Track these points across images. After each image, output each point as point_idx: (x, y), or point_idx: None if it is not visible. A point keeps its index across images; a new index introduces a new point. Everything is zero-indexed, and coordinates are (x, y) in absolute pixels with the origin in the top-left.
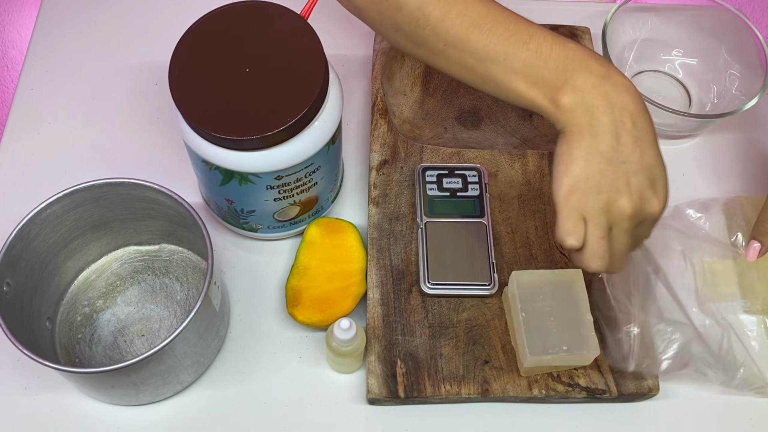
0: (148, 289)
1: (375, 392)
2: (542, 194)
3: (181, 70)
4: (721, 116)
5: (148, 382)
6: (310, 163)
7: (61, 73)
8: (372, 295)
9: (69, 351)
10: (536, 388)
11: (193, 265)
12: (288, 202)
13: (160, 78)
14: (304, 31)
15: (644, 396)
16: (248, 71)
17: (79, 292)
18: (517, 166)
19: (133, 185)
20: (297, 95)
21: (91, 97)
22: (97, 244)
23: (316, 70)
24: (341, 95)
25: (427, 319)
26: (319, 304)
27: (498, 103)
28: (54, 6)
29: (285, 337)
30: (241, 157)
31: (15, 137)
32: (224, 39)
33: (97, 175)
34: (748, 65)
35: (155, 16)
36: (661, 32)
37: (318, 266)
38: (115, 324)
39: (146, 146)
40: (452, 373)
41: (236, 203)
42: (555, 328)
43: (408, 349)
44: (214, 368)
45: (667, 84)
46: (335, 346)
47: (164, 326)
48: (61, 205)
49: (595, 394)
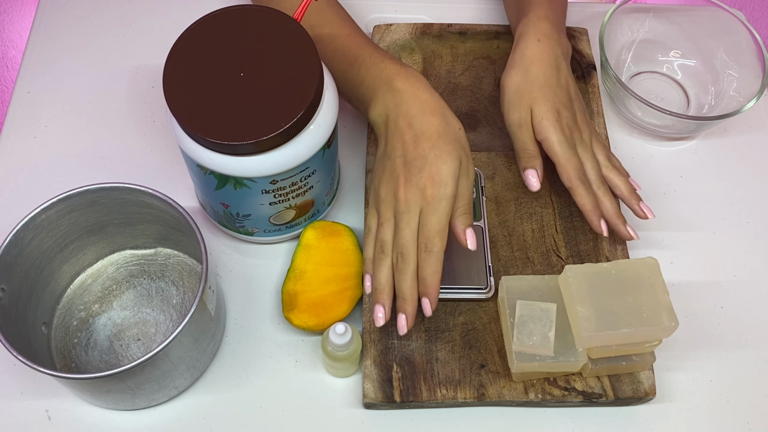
0: (143, 293)
1: (371, 396)
2: (539, 197)
3: (175, 74)
4: (720, 118)
5: (144, 386)
6: (305, 167)
7: (57, 76)
8: (368, 298)
9: (65, 356)
10: (532, 393)
11: (189, 269)
12: (284, 206)
13: (156, 81)
14: (298, 35)
15: (640, 400)
16: (242, 75)
17: (74, 297)
18: (514, 169)
19: (128, 190)
20: (292, 99)
21: (87, 101)
22: (92, 249)
23: (311, 73)
24: (336, 99)
25: (423, 323)
26: (315, 308)
27: (495, 106)
28: (50, 10)
29: (281, 341)
30: (236, 161)
31: (11, 141)
32: (218, 43)
33: (93, 178)
34: (746, 66)
35: (151, 20)
36: (659, 33)
37: (314, 270)
38: (111, 328)
39: (142, 150)
40: (448, 378)
41: (232, 207)
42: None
43: (404, 353)
44: (210, 373)
45: (665, 85)
46: (331, 350)
47: (160, 330)
48: (56, 210)
49: (591, 398)
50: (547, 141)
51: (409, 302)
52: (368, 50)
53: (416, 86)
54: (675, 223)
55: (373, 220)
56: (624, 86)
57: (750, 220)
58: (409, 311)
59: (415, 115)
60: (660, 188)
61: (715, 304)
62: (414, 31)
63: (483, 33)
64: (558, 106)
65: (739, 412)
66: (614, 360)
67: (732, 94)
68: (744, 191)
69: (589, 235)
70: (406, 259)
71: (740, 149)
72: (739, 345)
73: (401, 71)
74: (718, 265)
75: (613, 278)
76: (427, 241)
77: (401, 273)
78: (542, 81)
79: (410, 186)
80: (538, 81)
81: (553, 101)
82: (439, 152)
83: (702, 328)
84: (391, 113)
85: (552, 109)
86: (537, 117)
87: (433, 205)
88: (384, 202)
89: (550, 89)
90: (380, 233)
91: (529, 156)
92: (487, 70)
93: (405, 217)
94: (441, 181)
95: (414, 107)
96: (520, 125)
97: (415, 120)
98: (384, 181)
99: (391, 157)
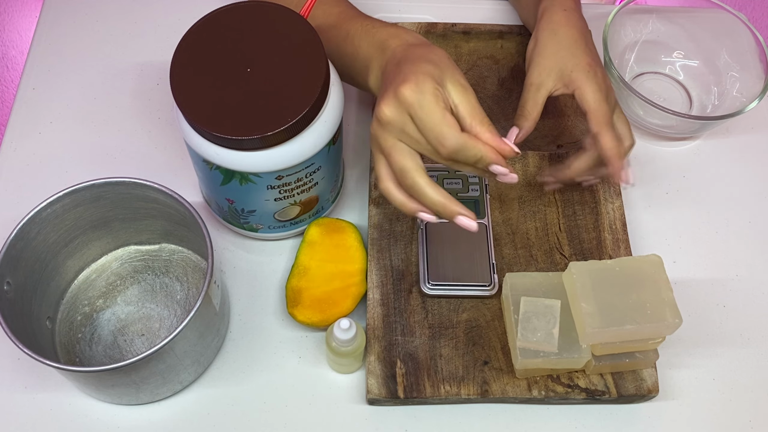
0: (148, 288)
1: (374, 392)
2: (543, 195)
3: (182, 70)
4: (722, 118)
5: (148, 381)
6: (310, 163)
7: (62, 72)
8: (372, 295)
9: (69, 350)
10: (535, 389)
11: (193, 264)
12: (288, 202)
13: (162, 78)
14: (305, 31)
15: (643, 397)
16: (249, 71)
17: (79, 292)
18: (518, 167)
19: (133, 185)
20: (298, 95)
21: (92, 97)
22: (97, 244)
23: (317, 70)
24: (342, 95)
25: (427, 319)
26: (319, 304)
27: (499, 105)
28: (56, 6)
29: (285, 337)
30: (241, 156)
31: (16, 137)
32: (225, 39)
33: (98, 174)
34: (748, 67)
35: (157, 17)
36: (662, 34)
37: (318, 266)
38: (115, 323)
39: (147, 146)
40: (452, 374)
41: (237, 203)
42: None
43: (408, 350)
44: (214, 368)
45: (668, 86)
46: (335, 346)
47: (164, 326)
48: (62, 205)
49: (594, 395)
50: (580, 90)
51: (491, 152)
52: (359, 23)
53: (409, 39)
54: (678, 222)
55: (381, 163)
56: (628, 86)
57: (752, 219)
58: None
59: (403, 55)
60: (663, 188)
61: (717, 303)
62: (418, 30)
63: (487, 33)
64: (589, 61)
65: (742, 410)
66: (617, 357)
67: (734, 94)
68: (746, 191)
69: (592, 233)
70: (451, 136)
71: (742, 149)
72: (741, 343)
73: (393, 32)
74: (721, 264)
75: (617, 275)
76: (472, 112)
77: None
78: (570, 42)
79: (416, 73)
80: (566, 41)
81: (583, 57)
82: (431, 48)
83: (704, 327)
84: (388, 74)
85: (583, 62)
86: (566, 72)
87: (450, 72)
88: (382, 125)
89: (579, 48)
90: (392, 162)
91: (519, 115)
92: (491, 70)
93: (418, 113)
94: (444, 58)
95: (403, 53)
96: (538, 87)
97: (402, 56)
98: (378, 105)
99: (380, 89)
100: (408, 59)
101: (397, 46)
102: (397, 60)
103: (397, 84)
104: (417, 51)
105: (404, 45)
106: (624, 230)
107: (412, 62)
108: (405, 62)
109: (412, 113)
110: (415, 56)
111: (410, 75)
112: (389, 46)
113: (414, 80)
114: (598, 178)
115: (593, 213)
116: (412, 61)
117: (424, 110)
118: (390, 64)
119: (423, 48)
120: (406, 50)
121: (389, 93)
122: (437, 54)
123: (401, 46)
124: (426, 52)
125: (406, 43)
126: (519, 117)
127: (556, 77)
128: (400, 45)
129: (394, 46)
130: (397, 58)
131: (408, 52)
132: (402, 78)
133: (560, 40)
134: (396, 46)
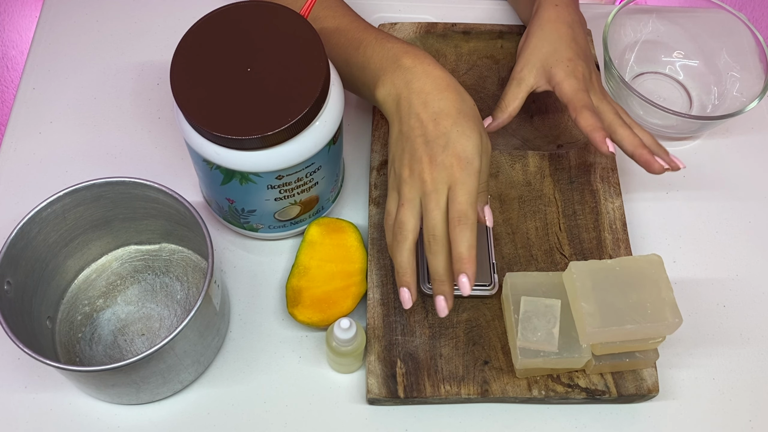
0: (148, 288)
1: (375, 392)
2: (543, 195)
3: (182, 69)
4: (722, 118)
5: (149, 380)
6: (311, 163)
7: (62, 72)
8: (372, 295)
9: (69, 350)
10: (536, 389)
11: (193, 264)
12: (289, 201)
13: (162, 78)
14: (305, 31)
15: (644, 397)
16: (249, 71)
17: (79, 292)
18: (518, 167)
19: (133, 184)
20: (298, 95)
21: (92, 97)
22: (97, 244)
23: (317, 69)
24: (342, 95)
25: (427, 319)
26: (320, 303)
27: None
28: (56, 6)
29: (285, 336)
30: (242, 156)
31: (16, 136)
32: (225, 39)
33: (99, 174)
34: (748, 67)
35: (157, 16)
36: (662, 34)
37: (318, 266)
38: (116, 323)
39: (147, 146)
40: (452, 374)
41: (237, 203)
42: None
43: (408, 350)
44: (214, 367)
45: (668, 86)
46: (335, 345)
47: (164, 325)
48: (62, 204)
49: (594, 395)
50: (559, 85)
51: (447, 282)
52: (372, 34)
53: (425, 62)
54: (677, 222)
55: (393, 203)
56: (628, 86)
57: (752, 219)
58: (447, 292)
59: (430, 92)
60: (663, 187)
61: (717, 303)
62: (418, 30)
63: (487, 32)
64: (570, 56)
65: (742, 410)
66: (617, 357)
67: (734, 94)
68: (746, 190)
69: (592, 233)
70: (439, 239)
71: (742, 149)
72: (741, 343)
73: (408, 49)
74: (721, 264)
75: (617, 275)
76: (460, 215)
77: (435, 254)
78: (555, 38)
79: (436, 165)
80: (552, 37)
81: (565, 53)
82: (462, 128)
83: (704, 327)
84: (403, 92)
85: (564, 58)
86: (547, 68)
87: (462, 181)
88: (406, 183)
89: (563, 44)
90: (400, 215)
91: (497, 106)
92: (491, 70)
93: (433, 197)
94: (468, 158)
95: (427, 84)
96: (519, 82)
97: (430, 97)
98: (406, 163)
99: (409, 138)
100: (452, 120)
101: (415, 89)
102: (436, 113)
103: (449, 157)
104: (453, 103)
105: (428, 79)
106: (624, 230)
107: (460, 133)
108: (450, 124)
109: (451, 187)
110: (459, 114)
111: (462, 152)
112: (403, 64)
113: (466, 158)
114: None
115: (593, 213)
116: (459, 126)
117: (465, 189)
118: (422, 109)
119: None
120: (436, 126)
121: (437, 159)
122: (475, 112)
123: (425, 81)
124: (463, 107)
125: (427, 73)
126: (496, 108)
127: (537, 73)
128: (416, 79)
129: (408, 64)
130: (428, 136)
131: (438, 129)
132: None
133: (546, 35)
134: (411, 66)
